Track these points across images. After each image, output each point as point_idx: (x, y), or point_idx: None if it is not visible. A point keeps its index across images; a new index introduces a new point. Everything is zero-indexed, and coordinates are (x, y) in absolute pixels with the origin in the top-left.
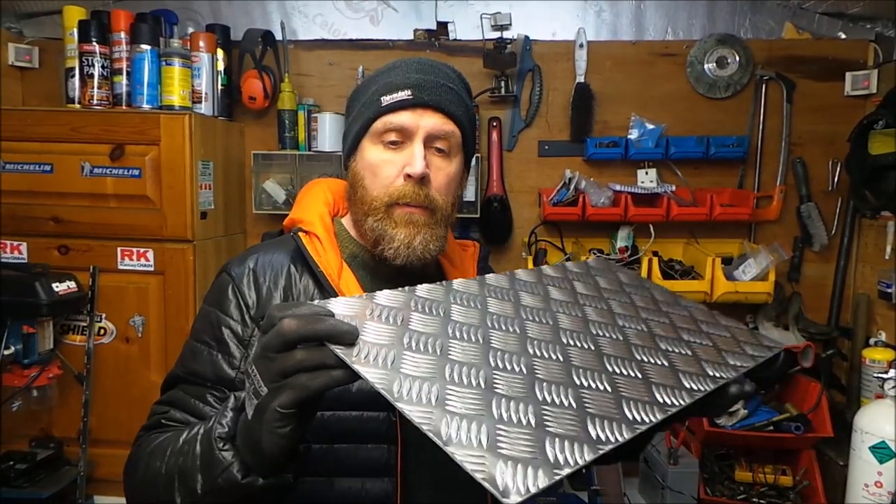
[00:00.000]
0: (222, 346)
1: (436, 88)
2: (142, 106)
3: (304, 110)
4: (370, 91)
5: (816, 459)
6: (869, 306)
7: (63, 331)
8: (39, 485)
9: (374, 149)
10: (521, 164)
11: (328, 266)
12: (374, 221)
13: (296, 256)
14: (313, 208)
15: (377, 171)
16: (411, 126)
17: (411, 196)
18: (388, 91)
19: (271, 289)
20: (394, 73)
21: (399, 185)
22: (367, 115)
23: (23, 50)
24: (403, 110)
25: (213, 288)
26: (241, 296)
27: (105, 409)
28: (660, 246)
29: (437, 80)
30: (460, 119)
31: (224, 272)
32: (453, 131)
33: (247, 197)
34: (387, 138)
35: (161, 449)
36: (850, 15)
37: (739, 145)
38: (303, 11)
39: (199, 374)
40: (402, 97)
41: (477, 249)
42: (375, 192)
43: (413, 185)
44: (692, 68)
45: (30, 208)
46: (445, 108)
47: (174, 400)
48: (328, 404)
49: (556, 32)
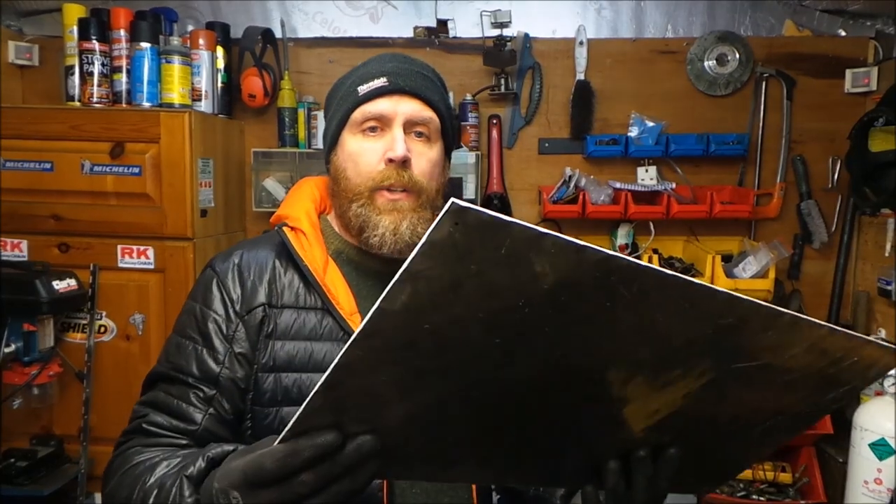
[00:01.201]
0: (207, 341)
1: (411, 75)
2: (142, 104)
3: (303, 108)
4: (346, 85)
5: (816, 456)
6: (869, 303)
7: (63, 329)
8: (40, 482)
9: (354, 139)
10: (522, 162)
11: (313, 261)
12: (358, 207)
13: (280, 251)
14: (300, 205)
15: (358, 159)
16: (389, 112)
17: (395, 179)
18: (363, 81)
19: (256, 283)
20: (368, 65)
21: (381, 169)
22: (344, 108)
23: (23, 48)
24: (380, 97)
25: (197, 284)
26: (225, 291)
27: (105, 406)
28: (660, 243)
29: (412, 68)
30: (437, 105)
31: (208, 267)
32: (431, 117)
33: (247, 195)
34: (366, 126)
35: (131, 480)
36: (850, 12)
37: (739, 143)
38: (303, 9)
39: (183, 369)
40: (378, 84)
41: None
42: (358, 179)
43: (396, 169)
44: (692, 66)
45: (30, 206)
46: (422, 93)
47: (156, 402)
48: None
49: (556, 30)
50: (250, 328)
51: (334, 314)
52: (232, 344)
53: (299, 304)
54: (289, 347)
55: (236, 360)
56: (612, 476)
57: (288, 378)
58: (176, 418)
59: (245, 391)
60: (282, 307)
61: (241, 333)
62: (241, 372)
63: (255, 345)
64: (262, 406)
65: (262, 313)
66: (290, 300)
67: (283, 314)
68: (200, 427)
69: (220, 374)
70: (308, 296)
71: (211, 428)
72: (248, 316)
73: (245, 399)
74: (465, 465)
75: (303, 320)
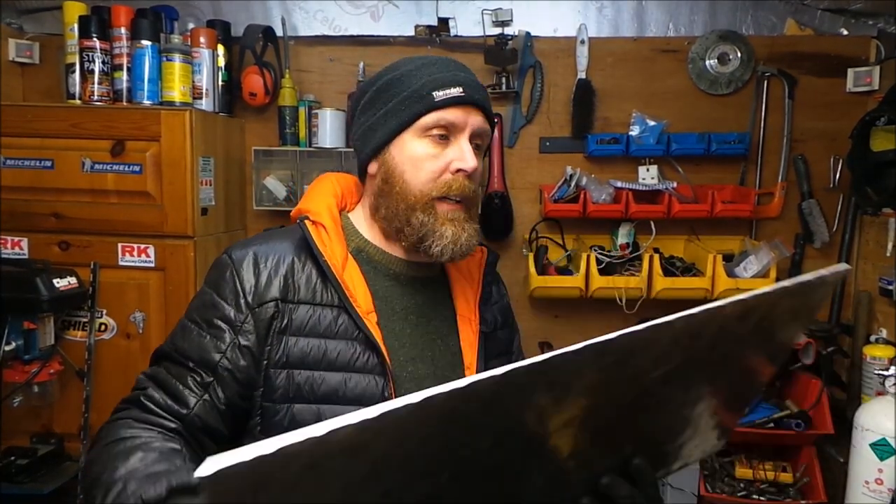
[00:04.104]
0: (212, 329)
1: (479, 88)
2: (142, 102)
3: (304, 106)
4: (413, 86)
5: (817, 456)
6: (870, 303)
7: (64, 327)
8: (40, 481)
9: (420, 142)
10: (522, 161)
11: (333, 256)
12: (424, 216)
13: (300, 245)
14: (321, 199)
15: (422, 164)
16: (461, 123)
17: (461, 190)
18: (439, 86)
19: (271, 276)
20: (437, 68)
21: (447, 179)
22: (415, 110)
23: (23, 46)
24: (455, 107)
25: (212, 269)
26: (239, 280)
27: (106, 404)
28: (661, 243)
29: (477, 80)
30: (493, 121)
31: (226, 254)
32: (489, 131)
33: (247, 193)
34: (435, 133)
35: (106, 458)
36: (852, 11)
37: (741, 142)
38: (303, 7)
39: (185, 352)
40: (455, 94)
41: (485, 255)
42: (421, 186)
43: (464, 179)
44: (694, 65)
45: (30, 204)
46: (488, 108)
47: (157, 377)
48: (324, 397)
49: (557, 29)
50: (259, 322)
51: (350, 312)
52: (238, 335)
53: (315, 300)
54: (302, 344)
55: (240, 351)
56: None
57: (300, 375)
58: (171, 398)
59: (245, 384)
60: (297, 302)
61: (250, 325)
62: (242, 364)
63: (262, 339)
64: (273, 402)
65: (274, 308)
66: (307, 296)
67: (299, 310)
68: (192, 412)
69: (220, 364)
70: (325, 292)
71: (202, 414)
72: (258, 309)
73: (245, 392)
74: None
75: (318, 317)
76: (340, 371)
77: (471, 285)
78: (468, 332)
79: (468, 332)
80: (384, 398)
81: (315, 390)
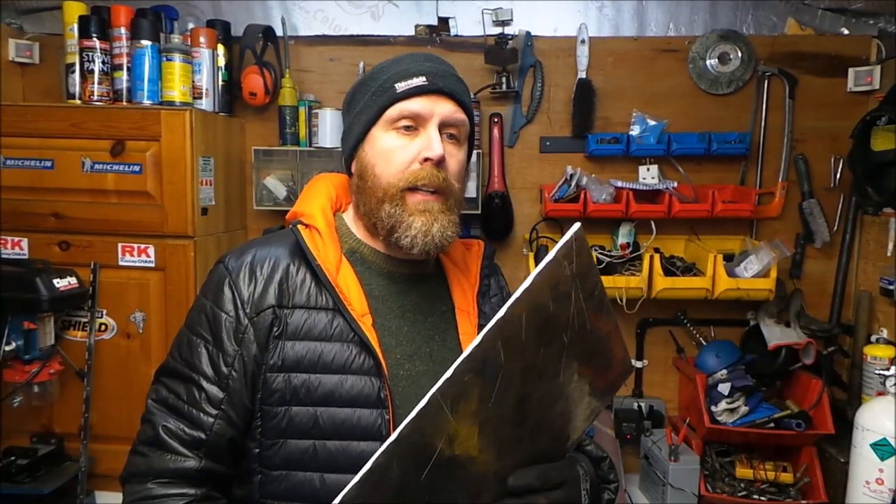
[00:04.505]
0: (217, 343)
1: (448, 77)
2: (142, 102)
3: (304, 106)
4: (379, 81)
5: (817, 456)
6: (870, 303)
7: (64, 327)
8: (40, 480)
9: (387, 135)
10: (523, 161)
11: (326, 260)
12: (391, 207)
13: (295, 250)
14: (315, 202)
15: (391, 156)
16: (426, 112)
17: (429, 179)
18: (402, 78)
19: (267, 284)
20: (404, 62)
21: (415, 168)
22: (379, 104)
23: (23, 46)
24: (418, 96)
25: (209, 279)
26: (236, 291)
27: (106, 404)
28: (661, 242)
29: (447, 69)
30: (468, 109)
31: (221, 264)
32: (464, 120)
33: (247, 193)
34: (400, 124)
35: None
36: (852, 11)
37: (741, 141)
38: (303, 7)
39: (196, 368)
40: (417, 83)
41: (482, 248)
42: (390, 177)
43: (431, 168)
44: (694, 64)
45: (30, 204)
46: (458, 96)
47: (168, 403)
48: (321, 400)
49: (557, 28)
50: (259, 330)
51: (345, 315)
52: (241, 346)
53: (310, 303)
54: (298, 348)
55: (244, 361)
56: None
57: (297, 378)
58: (187, 424)
59: (252, 391)
60: (293, 307)
61: (250, 335)
62: (248, 373)
63: (263, 347)
64: (272, 406)
65: (272, 315)
66: (302, 300)
67: (294, 314)
68: (211, 433)
69: (230, 377)
70: (319, 296)
71: (220, 431)
72: (257, 318)
73: (252, 398)
74: None
75: (313, 320)
76: (336, 373)
77: (468, 279)
78: (467, 325)
79: (467, 325)
80: (380, 399)
81: (312, 393)
